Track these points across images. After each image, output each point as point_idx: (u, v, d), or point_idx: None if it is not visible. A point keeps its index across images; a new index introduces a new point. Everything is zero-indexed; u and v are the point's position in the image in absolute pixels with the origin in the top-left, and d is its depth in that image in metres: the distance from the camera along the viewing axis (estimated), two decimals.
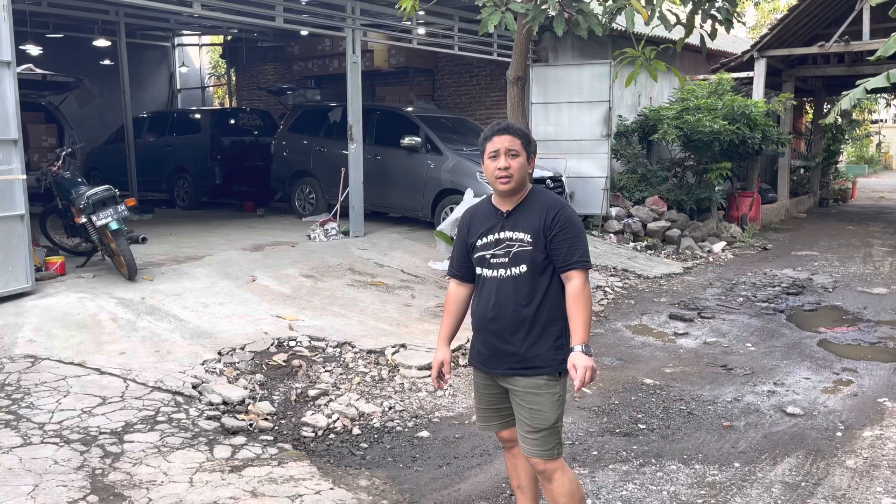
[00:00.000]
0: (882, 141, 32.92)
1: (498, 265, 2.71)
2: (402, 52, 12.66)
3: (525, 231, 2.68)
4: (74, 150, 8.02)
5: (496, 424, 2.89)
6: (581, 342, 2.57)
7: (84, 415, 4.00)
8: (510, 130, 2.71)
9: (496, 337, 2.72)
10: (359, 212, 9.26)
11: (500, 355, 2.72)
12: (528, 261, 2.66)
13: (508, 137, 2.68)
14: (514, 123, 2.74)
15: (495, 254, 2.71)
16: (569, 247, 2.65)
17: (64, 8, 11.31)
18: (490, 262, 2.73)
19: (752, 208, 12.52)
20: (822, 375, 5.39)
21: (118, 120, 13.15)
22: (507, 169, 2.66)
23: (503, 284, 2.70)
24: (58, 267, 6.61)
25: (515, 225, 2.70)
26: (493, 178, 2.70)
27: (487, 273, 2.74)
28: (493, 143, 2.69)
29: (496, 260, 2.71)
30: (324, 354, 5.38)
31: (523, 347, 2.68)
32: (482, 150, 2.74)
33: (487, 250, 2.73)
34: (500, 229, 2.72)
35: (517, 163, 2.68)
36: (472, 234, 2.78)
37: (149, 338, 5.26)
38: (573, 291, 2.64)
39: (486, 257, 2.73)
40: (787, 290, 8.22)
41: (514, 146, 2.68)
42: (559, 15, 4.99)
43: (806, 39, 13.14)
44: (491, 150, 2.69)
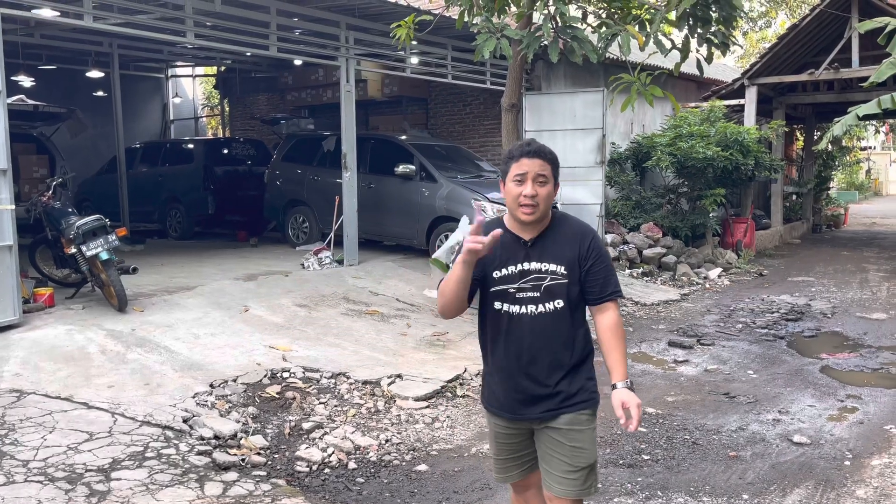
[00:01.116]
0: (872, 167, 33.23)
1: (527, 300, 2.42)
2: (396, 82, 12.71)
3: (557, 262, 2.42)
4: (65, 180, 7.95)
5: (516, 474, 2.63)
6: (624, 378, 2.40)
7: (70, 451, 3.86)
8: (542, 154, 2.40)
9: (532, 381, 2.45)
10: (353, 240, 9.19)
11: (537, 400, 2.46)
12: (564, 295, 2.41)
13: (540, 162, 2.38)
14: (545, 147, 2.43)
15: (522, 287, 2.42)
16: (604, 277, 2.45)
17: (57, 40, 11.32)
18: (515, 297, 2.43)
19: (746, 234, 12.51)
20: (826, 403, 5.30)
21: (111, 150, 13.09)
22: (534, 197, 2.36)
23: (537, 322, 2.42)
24: (46, 298, 6.49)
25: (543, 255, 2.43)
26: (514, 205, 2.40)
27: (514, 309, 2.43)
28: (521, 165, 2.38)
29: (523, 294, 2.42)
30: (318, 386, 5.25)
31: (565, 386, 2.45)
32: (505, 171, 2.44)
33: (511, 283, 2.42)
34: (524, 259, 2.43)
35: (545, 191, 2.39)
36: (490, 264, 2.44)
37: (138, 370, 5.13)
38: (610, 324, 2.45)
39: (510, 292, 2.43)
40: (786, 316, 8.15)
41: (545, 172, 2.39)
42: (554, 41, 4.99)
43: (796, 67, 13.27)
44: (517, 172, 2.39)
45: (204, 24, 7.98)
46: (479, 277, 2.45)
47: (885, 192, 35.11)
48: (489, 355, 2.55)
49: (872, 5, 11.62)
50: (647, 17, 5.33)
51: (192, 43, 8.16)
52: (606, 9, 5.81)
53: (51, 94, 12.63)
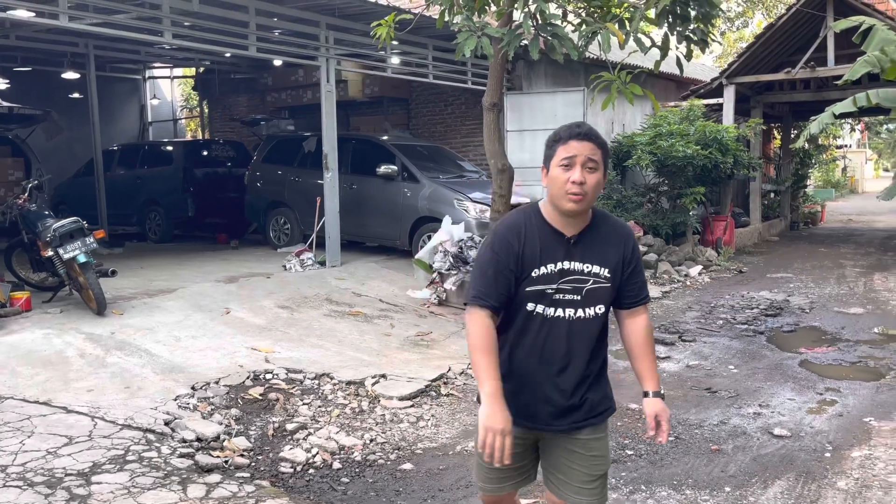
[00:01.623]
0: (848, 165, 33.71)
1: (565, 303, 2.22)
2: (377, 82, 12.68)
3: (602, 264, 2.23)
4: (41, 182, 7.84)
5: (511, 485, 2.46)
6: (657, 386, 2.31)
7: (49, 455, 3.80)
8: (592, 137, 2.17)
9: (561, 392, 2.27)
10: (335, 241, 9.15)
11: (568, 411, 2.29)
12: (605, 300, 2.25)
13: (591, 145, 2.16)
14: (596, 130, 2.20)
15: (561, 288, 2.20)
16: (642, 281, 2.32)
17: (33, 41, 11.17)
18: (553, 299, 2.21)
19: (726, 232, 12.63)
20: (806, 396, 5.36)
21: (87, 153, 12.93)
22: (583, 185, 2.13)
23: (575, 328, 2.23)
24: (23, 303, 6.40)
25: (586, 255, 2.22)
26: (560, 193, 2.15)
27: (548, 311, 2.22)
28: (570, 147, 2.15)
29: (561, 297, 2.21)
30: (301, 387, 5.22)
31: (591, 396, 2.31)
32: (549, 155, 2.20)
33: (549, 283, 2.20)
34: (565, 258, 2.21)
35: (594, 179, 2.16)
36: (529, 257, 2.19)
37: (118, 374, 5.07)
38: (644, 329, 2.33)
39: (548, 293, 2.21)
40: (766, 311, 8.24)
41: (596, 157, 2.16)
42: (534, 39, 5.00)
43: (773, 66, 13.43)
44: (564, 156, 2.15)
45: (182, 24, 7.91)
46: (518, 275, 2.23)
47: (861, 189, 35.63)
48: (507, 358, 2.29)
49: (847, 4, 11.80)
50: (627, 16, 5.36)
51: (170, 43, 8.08)
52: (586, 7, 5.84)
53: (26, 97, 12.45)
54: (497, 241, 2.23)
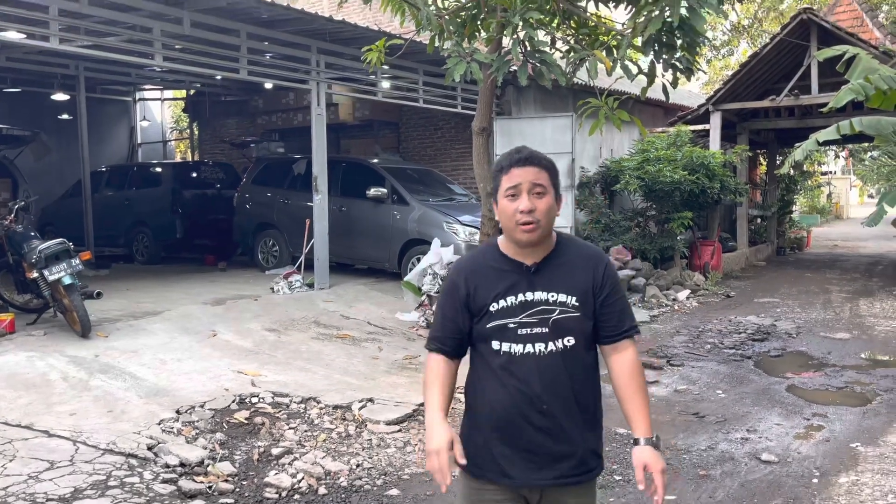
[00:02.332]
0: (833, 192, 34.10)
1: (532, 337, 2.04)
2: (367, 106, 12.76)
3: (569, 292, 2.06)
4: (28, 203, 7.81)
5: None
6: (649, 432, 2.05)
7: (31, 480, 3.74)
8: (535, 161, 2.04)
9: (547, 435, 2.05)
10: (324, 263, 9.13)
11: (551, 460, 2.05)
12: (576, 331, 2.06)
13: (534, 170, 2.03)
14: (538, 152, 2.08)
15: (525, 322, 2.04)
16: (621, 310, 2.11)
17: (22, 62, 11.18)
18: (517, 334, 2.04)
19: (713, 257, 12.71)
20: (793, 421, 5.36)
21: (75, 174, 12.90)
22: (532, 212, 2.00)
23: (546, 363, 2.04)
24: (7, 324, 6.34)
25: (551, 283, 2.06)
26: (511, 225, 2.03)
27: (515, 349, 2.05)
28: (512, 176, 2.03)
29: (527, 330, 2.04)
30: (288, 411, 5.17)
31: (584, 443, 2.08)
32: (495, 186, 2.09)
33: (511, 317, 2.04)
34: (527, 288, 2.06)
35: (544, 204, 2.02)
36: (482, 296, 2.07)
37: (102, 397, 5.01)
38: (629, 365, 2.11)
39: (510, 326, 2.04)
40: (753, 336, 8.27)
41: (541, 181, 2.03)
42: (523, 65, 5.06)
43: (758, 94, 13.62)
44: (508, 185, 2.03)
45: (173, 47, 7.95)
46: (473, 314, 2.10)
47: (846, 215, 36.03)
48: (478, 406, 2.12)
49: (830, 34, 12.03)
50: (615, 43, 5.44)
51: (161, 66, 8.12)
52: (574, 34, 5.92)
53: (15, 117, 12.42)
54: (447, 284, 2.16)
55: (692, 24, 4.58)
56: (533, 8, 4.63)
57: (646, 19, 4.70)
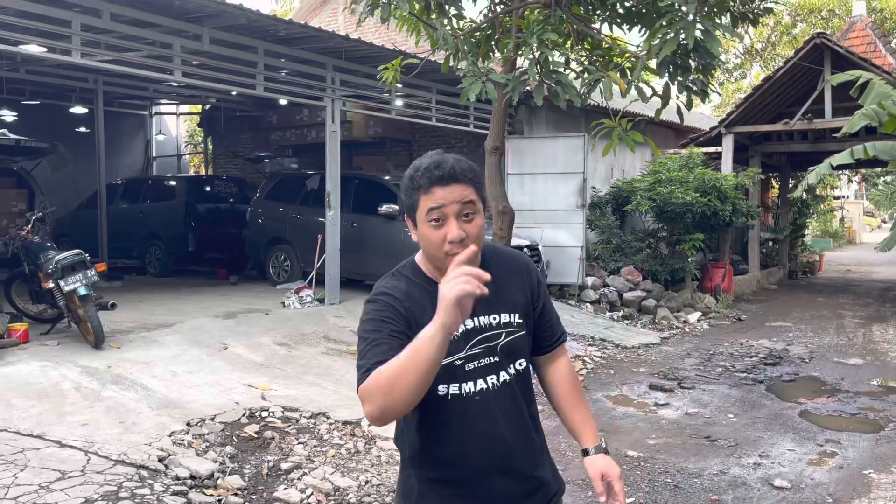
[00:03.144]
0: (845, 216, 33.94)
1: (482, 371, 1.74)
2: (380, 123, 12.85)
3: (510, 309, 1.79)
4: (45, 214, 7.89)
5: None
6: (597, 440, 1.88)
7: (42, 490, 3.75)
8: (460, 176, 1.68)
9: (513, 478, 1.80)
10: (335, 279, 9.16)
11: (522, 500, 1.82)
12: (524, 351, 1.83)
13: (460, 188, 1.67)
14: (458, 161, 1.72)
15: (471, 355, 1.73)
16: (555, 317, 1.93)
17: (42, 75, 11.35)
18: (465, 371, 1.73)
19: (724, 279, 12.66)
20: (806, 447, 5.31)
21: (92, 186, 13.04)
22: (464, 241, 1.65)
23: (504, 396, 1.77)
24: (21, 334, 6.38)
25: (490, 304, 1.70)
26: (439, 254, 1.67)
27: (467, 389, 1.73)
28: (434, 198, 1.66)
29: (475, 364, 1.74)
30: (297, 425, 5.17)
31: (543, 473, 1.86)
32: (410, 205, 1.71)
33: (455, 353, 1.71)
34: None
35: (475, 227, 1.68)
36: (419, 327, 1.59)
37: (113, 408, 5.03)
38: (568, 373, 1.93)
39: (456, 365, 1.72)
40: (765, 360, 8.21)
41: (470, 199, 1.68)
42: (538, 86, 5.10)
43: (771, 117, 13.64)
44: (431, 207, 1.66)
45: (191, 63, 8.06)
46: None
47: (859, 240, 35.79)
48: (431, 460, 1.78)
49: (844, 58, 12.04)
50: (629, 65, 5.47)
51: (179, 81, 8.22)
52: (588, 56, 5.97)
53: (33, 129, 12.59)
54: (373, 308, 1.72)
55: (707, 46, 4.61)
56: (549, 29, 4.68)
57: (661, 41, 4.74)
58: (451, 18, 5.92)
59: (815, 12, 25.68)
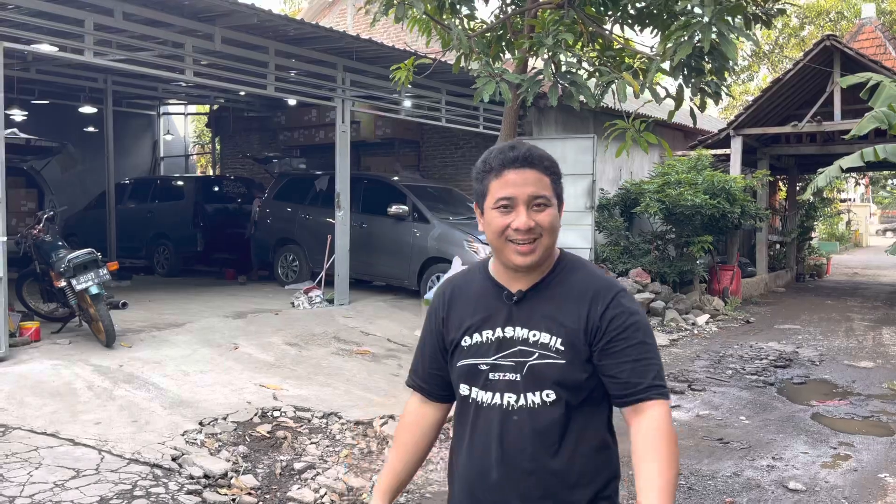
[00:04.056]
0: (852, 219, 33.83)
1: (502, 386, 1.58)
2: (389, 124, 12.86)
3: (552, 330, 1.57)
4: (55, 213, 7.90)
5: None
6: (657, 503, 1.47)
7: (56, 488, 3.76)
8: (535, 161, 1.57)
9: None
10: (344, 279, 9.16)
11: None
12: (557, 382, 1.55)
13: (533, 174, 1.56)
14: (537, 149, 1.61)
15: (498, 364, 1.59)
16: (634, 362, 1.55)
17: (52, 75, 11.38)
18: (488, 380, 1.60)
19: (733, 282, 12.63)
20: (819, 450, 5.29)
21: (99, 186, 13.07)
22: (532, 230, 1.54)
23: (511, 421, 1.57)
24: (32, 333, 6.39)
25: (533, 317, 1.58)
26: (500, 244, 1.57)
27: (482, 397, 1.60)
28: (506, 182, 1.55)
29: (498, 376, 1.59)
30: (309, 425, 5.17)
31: None
32: (481, 192, 1.61)
33: (483, 357, 1.60)
34: (505, 322, 1.60)
35: (547, 218, 1.56)
36: (455, 325, 1.66)
37: (126, 407, 5.04)
38: (648, 428, 1.54)
39: (480, 369, 1.61)
40: (775, 363, 8.19)
41: (543, 190, 1.56)
42: (553, 86, 5.09)
43: (779, 119, 13.60)
44: (501, 195, 1.55)
45: (201, 63, 8.07)
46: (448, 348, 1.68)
47: (866, 243, 35.67)
48: (454, 459, 1.72)
49: (853, 60, 12.00)
50: (642, 67, 5.46)
51: (191, 80, 8.23)
52: (599, 57, 5.95)
53: (42, 128, 12.62)
54: (430, 308, 1.77)
55: (722, 49, 4.60)
56: (564, 30, 4.67)
57: (675, 44, 4.73)
58: (463, 18, 5.92)
59: (823, 14, 25.62)
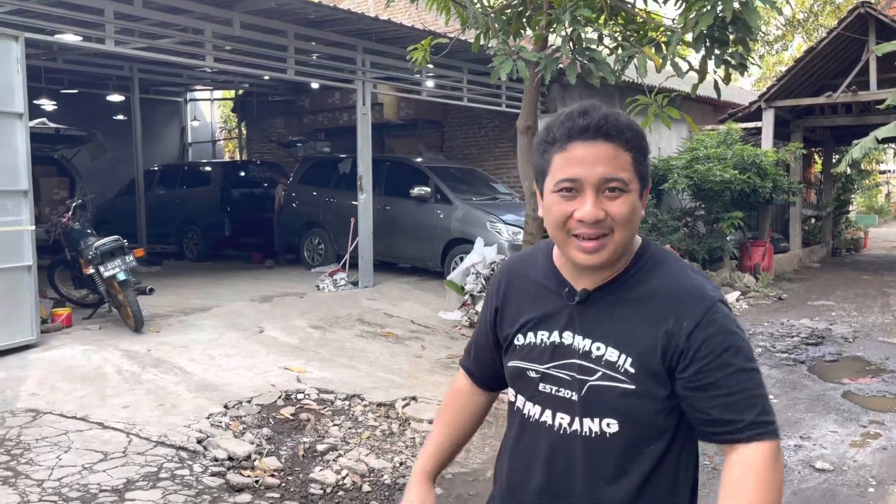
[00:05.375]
0: (891, 191, 32.91)
1: (557, 403, 1.32)
2: (411, 105, 12.80)
3: (621, 346, 1.27)
4: (85, 202, 8.05)
5: None
6: None
7: (85, 471, 3.85)
8: (612, 132, 1.22)
9: None
10: (368, 262, 9.19)
11: None
12: (621, 412, 1.27)
13: (609, 148, 1.22)
14: (616, 115, 1.24)
15: (551, 375, 1.33)
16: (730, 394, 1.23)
17: (79, 64, 11.53)
18: (537, 391, 1.35)
19: (764, 258, 12.39)
20: (849, 428, 5.18)
21: (129, 173, 13.27)
22: (599, 223, 1.22)
23: (562, 448, 1.32)
24: (64, 319, 6.53)
25: (599, 326, 1.29)
26: (562, 237, 1.27)
27: (532, 412, 1.36)
28: (572, 157, 1.22)
29: (551, 390, 1.33)
30: (332, 407, 5.22)
31: None
32: (541, 167, 1.28)
33: (534, 362, 1.35)
34: (565, 325, 1.32)
35: (623, 207, 1.23)
36: (511, 319, 1.40)
37: (154, 391, 5.13)
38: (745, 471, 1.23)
39: (530, 376, 1.36)
40: (807, 340, 8.03)
41: (620, 170, 1.22)
42: (571, 64, 5.00)
43: (813, 90, 13.23)
44: (564, 175, 1.23)
45: (223, 48, 8.10)
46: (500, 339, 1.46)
47: None
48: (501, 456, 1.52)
49: (889, 28, 11.59)
50: (664, 40, 5.33)
51: (212, 67, 8.27)
52: (622, 31, 5.83)
53: (71, 118, 12.83)
54: (487, 293, 1.53)
55: (745, 19, 4.46)
56: (582, 5, 4.57)
57: (697, 15, 4.60)
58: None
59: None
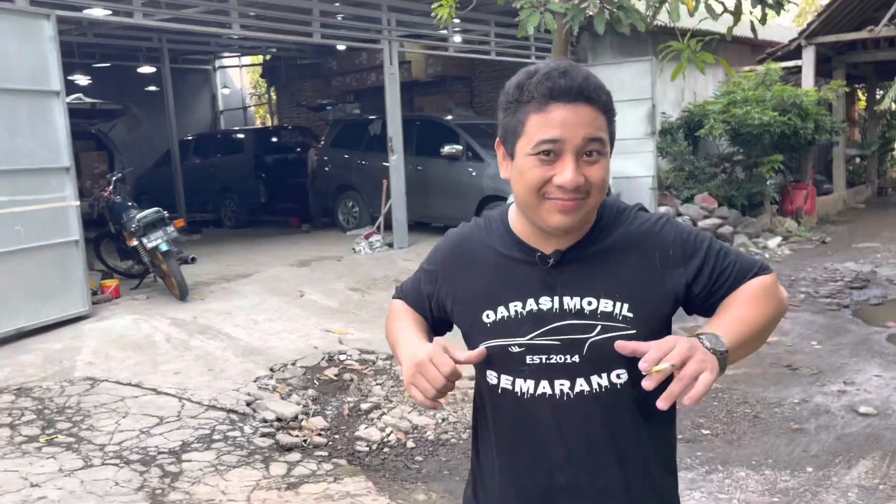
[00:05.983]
0: None
1: (552, 371, 1.27)
2: (439, 62, 12.66)
3: (613, 295, 1.26)
4: (124, 174, 8.22)
5: None
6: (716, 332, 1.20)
7: (143, 435, 4.04)
8: (590, 93, 1.19)
9: None
10: (402, 223, 9.25)
11: None
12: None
13: (589, 112, 1.18)
14: (588, 76, 1.21)
15: (537, 346, 1.27)
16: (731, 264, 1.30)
17: (109, 38, 11.64)
18: (527, 365, 1.28)
19: (807, 201, 12.10)
20: (893, 372, 5.12)
21: (165, 144, 13.46)
22: (579, 188, 1.19)
23: (574, 413, 1.27)
24: (112, 290, 6.75)
25: (582, 284, 1.27)
26: (533, 201, 1.22)
27: (523, 387, 1.29)
28: (550, 119, 1.18)
29: (541, 360, 1.27)
30: (374, 367, 5.34)
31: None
32: (512, 126, 1.24)
33: (514, 336, 1.28)
34: (541, 291, 1.28)
35: (599, 171, 1.20)
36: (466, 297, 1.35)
37: (202, 357, 5.31)
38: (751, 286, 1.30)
39: (513, 353, 1.29)
40: (851, 284, 7.89)
41: (599, 132, 1.20)
42: (599, 13, 4.89)
43: (855, 24, 12.69)
44: (544, 135, 1.18)
45: (248, 15, 8.09)
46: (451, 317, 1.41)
47: None
48: (476, 462, 1.43)
49: None
50: None
51: (238, 34, 8.28)
52: None
53: (105, 92, 13.02)
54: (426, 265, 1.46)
55: None
56: None
57: None
58: None
59: None
